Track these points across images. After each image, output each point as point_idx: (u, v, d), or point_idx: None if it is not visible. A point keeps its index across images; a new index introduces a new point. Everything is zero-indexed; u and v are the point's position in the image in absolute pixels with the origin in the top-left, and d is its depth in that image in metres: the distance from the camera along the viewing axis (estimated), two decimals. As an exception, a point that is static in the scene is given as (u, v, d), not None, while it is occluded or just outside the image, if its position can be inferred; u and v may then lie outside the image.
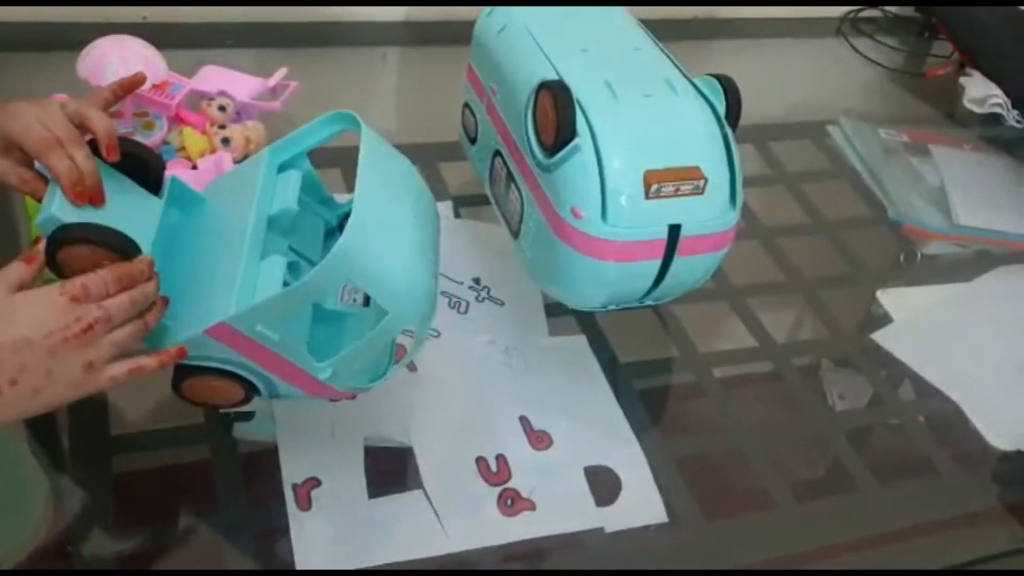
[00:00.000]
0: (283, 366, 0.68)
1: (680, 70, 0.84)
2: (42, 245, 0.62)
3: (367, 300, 0.77)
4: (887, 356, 0.97)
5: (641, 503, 0.78)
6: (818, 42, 1.51)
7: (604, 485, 0.79)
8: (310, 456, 0.76)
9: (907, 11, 1.55)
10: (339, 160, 1.05)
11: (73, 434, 0.76)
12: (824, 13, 1.52)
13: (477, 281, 0.95)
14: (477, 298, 0.93)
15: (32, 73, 1.10)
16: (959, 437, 0.91)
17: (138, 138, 0.94)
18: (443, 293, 0.92)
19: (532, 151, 0.80)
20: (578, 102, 0.76)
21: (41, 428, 0.77)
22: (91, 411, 0.77)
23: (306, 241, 0.77)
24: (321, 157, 1.03)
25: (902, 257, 1.13)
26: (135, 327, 0.63)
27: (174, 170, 0.94)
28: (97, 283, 0.60)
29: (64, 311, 0.58)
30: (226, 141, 0.95)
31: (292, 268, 0.72)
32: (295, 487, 0.74)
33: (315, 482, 0.75)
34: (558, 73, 0.80)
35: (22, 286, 0.60)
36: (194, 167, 0.94)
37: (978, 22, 1.40)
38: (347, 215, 0.67)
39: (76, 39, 0.94)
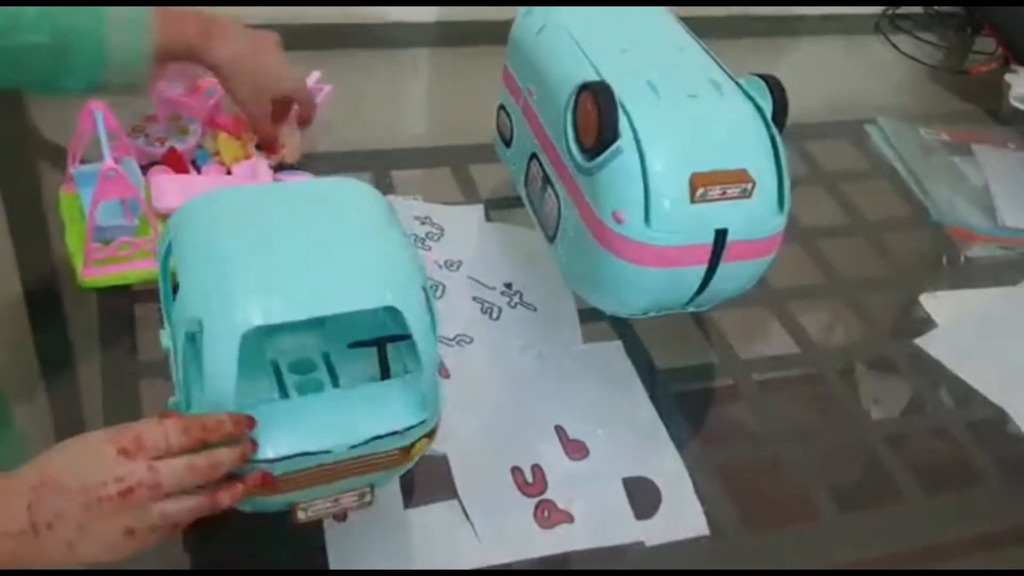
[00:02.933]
0: None
1: (724, 70, 0.82)
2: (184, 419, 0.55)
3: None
4: (929, 361, 0.94)
5: (682, 515, 0.77)
6: (856, 39, 1.48)
7: (643, 497, 0.77)
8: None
9: (949, 7, 1.52)
10: (370, 163, 1.04)
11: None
12: (862, 10, 1.49)
13: (509, 286, 0.93)
14: (509, 303, 0.91)
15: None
16: (1006, 444, 0.88)
17: (172, 143, 0.93)
18: (475, 299, 0.91)
19: (571, 154, 0.78)
20: (620, 103, 0.74)
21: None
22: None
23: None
24: (350, 161, 1.03)
25: (944, 259, 1.10)
26: (196, 504, 0.54)
27: (209, 176, 0.93)
28: (156, 436, 0.52)
29: (107, 465, 0.51)
30: (260, 147, 0.94)
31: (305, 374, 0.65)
32: (330, 497, 0.73)
33: (349, 493, 0.73)
34: (599, 73, 0.78)
35: (121, 433, 0.53)
36: (229, 172, 0.93)
37: (1025, 17, 1.37)
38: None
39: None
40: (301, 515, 0.62)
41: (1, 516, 0.51)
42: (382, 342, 0.64)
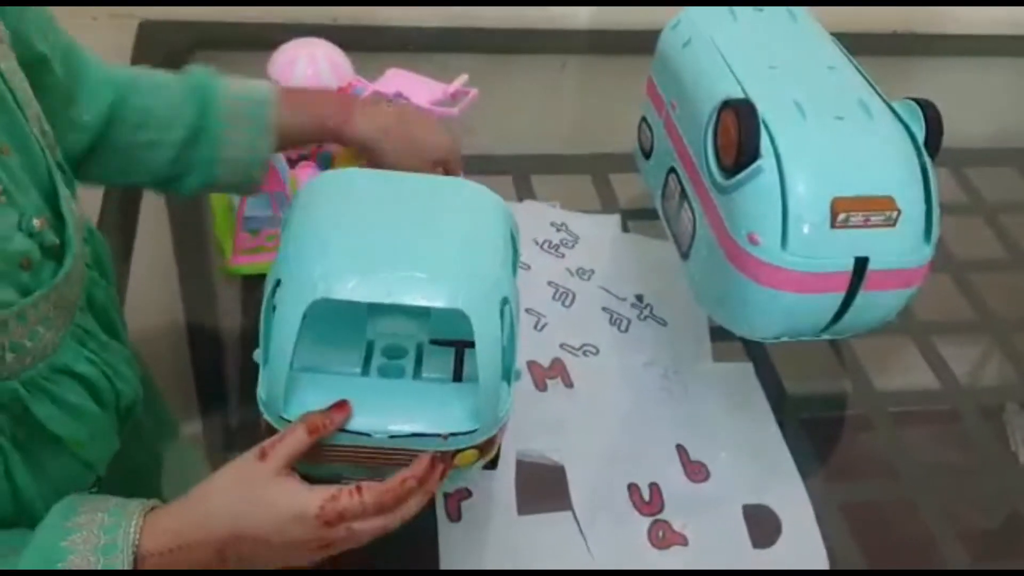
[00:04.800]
0: None
1: (876, 91, 0.78)
2: (338, 418, 0.58)
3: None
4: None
5: (801, 548, 0.75)
6: (1030, 62, 1.40)
7: (762, 526, 0.76)
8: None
9: None
10: (510, 167, 1.05)
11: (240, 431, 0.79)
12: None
13: (640, 298, 0.92)
14: (639, 316, 0.91)
15: (229, 71, 1.15)
16: None
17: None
18: (604, 309, 0.91)
19: (710, 171, 0.76)
20: (763, 122, 0.72)
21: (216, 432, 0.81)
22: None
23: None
24: (491, 165, 1.05)
25: (1111, 302, 1.03)
26: (372, 530, 0.57)
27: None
28: (355, 510, 0.56)
29: (313, 530, 0.55)
30: None
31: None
32: (446, 496, 0.74)
33: (466, 493, 0.75)
34: (744, 91, 0.76)
35: (292, 459, 0.56)
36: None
37: None
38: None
39: (271, 39, 0.97)
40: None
41: (189, 562, 0.54)
42: (460, 344, 0.63)
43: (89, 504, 0.54)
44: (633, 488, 0.77)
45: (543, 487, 0.76)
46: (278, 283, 0.57)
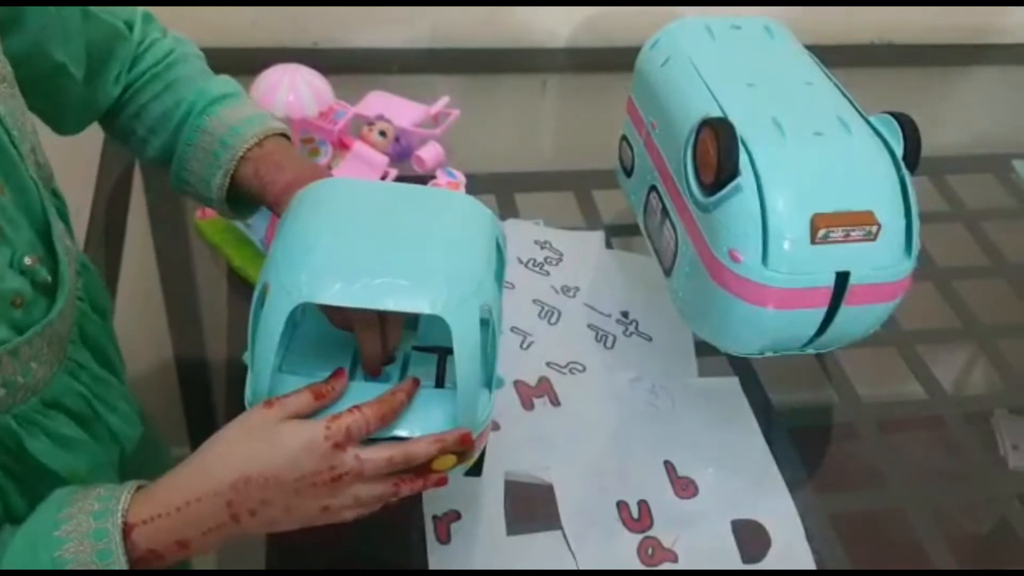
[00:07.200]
0: None
1: (854, 106, 0.79)
2: (339, 385, 0.59)
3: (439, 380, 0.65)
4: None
5: (791, 562, 0.75)
6: (1006, 69, 1.41)
7: (751, 540, 0.76)
8: (452, 488, 0.75)
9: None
10: (494, 186, 1.05)
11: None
12: (1016, 39, 1.41)
13: (625, 315, 0.93)
14: (624, 332, 0.91)
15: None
16: None
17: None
18: (589, 326, 0.91)
19: (690, 189, 0.77)
20: (742, 140, 0.72)
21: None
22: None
23: None
24: (474, 184, 1.05)
25: (1093, 306, 1.04)
26: (383, 491, 0.59)
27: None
28: (359, 424, 0.57)
29: (322, 456, 0.56)
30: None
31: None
32: (435, 519, 0.74)
33: (455, 515, 0.75)
34: (722, 109, 0.77)
35: (297, 415, 0.57)
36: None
37: None
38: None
39: (252, 63, 0.97)
40: None
41: (200, 518, 0.55)
42: (444, 351, 0.64)
43: (84, 490, 0.55)
44: (622, 505, 0.77)
45: (532, 506, 0.77)
46: (266, 286, 0.58)
